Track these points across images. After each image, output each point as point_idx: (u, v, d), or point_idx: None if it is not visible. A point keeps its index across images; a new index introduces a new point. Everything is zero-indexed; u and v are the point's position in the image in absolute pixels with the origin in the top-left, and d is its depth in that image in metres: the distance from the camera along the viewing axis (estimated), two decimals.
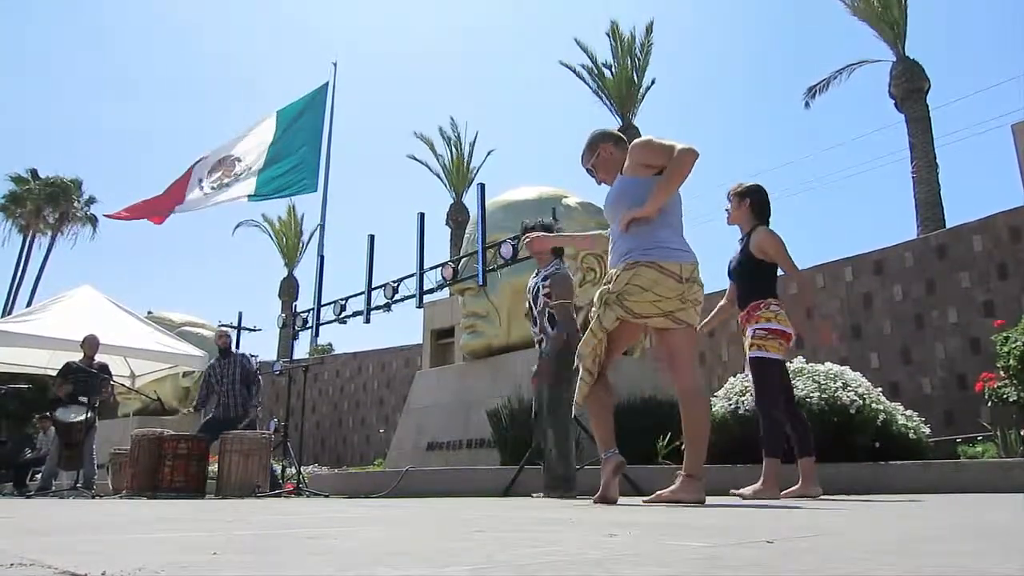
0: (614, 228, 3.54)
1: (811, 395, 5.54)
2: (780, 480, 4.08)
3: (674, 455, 6.04)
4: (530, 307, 5.06)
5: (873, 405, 5.65)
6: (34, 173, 34.77)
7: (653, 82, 23.43)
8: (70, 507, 3.70)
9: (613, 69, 23.32)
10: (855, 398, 5.57)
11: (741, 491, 4.13)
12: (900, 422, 5.81)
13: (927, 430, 6.03)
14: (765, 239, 4.28)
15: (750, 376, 4.25)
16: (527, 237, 4.70)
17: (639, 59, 23.33)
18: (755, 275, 4.32)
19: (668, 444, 5.98)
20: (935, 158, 17.04)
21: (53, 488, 8.24)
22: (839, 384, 5.68)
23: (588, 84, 23.56)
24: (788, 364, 4.68)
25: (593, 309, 3.51)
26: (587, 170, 3.80)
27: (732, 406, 5.91)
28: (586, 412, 3.70)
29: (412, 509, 3.19)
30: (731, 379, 6.32)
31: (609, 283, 3.43)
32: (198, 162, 12.48)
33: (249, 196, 11.88)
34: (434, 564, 0.93)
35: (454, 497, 5.78)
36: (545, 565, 0.93)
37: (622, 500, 3.55)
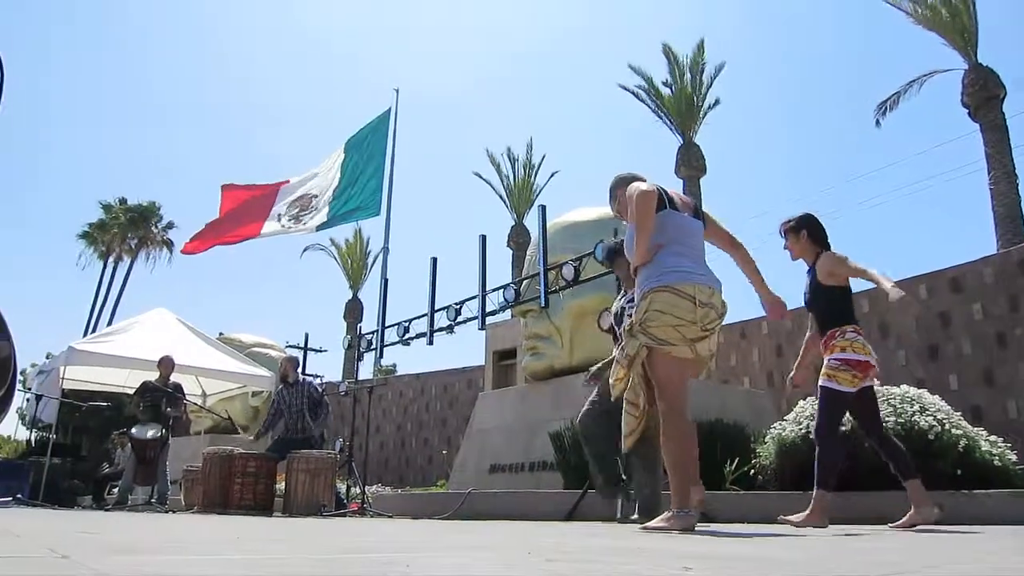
0: None
1: (887, 419, 5.33)
2: (828, 510, 4.02)
3: (742, 480, 5.90)
4: (612, 328, 5.02)
5: (953, 430, 5.40)
6: (122, 200, 36.39)
7: (717, 101, 23.21)
8: (150, 523, 3.81)
9: (672, 88, 23.19)
10: (933, 423, 5.33)
11: (790, 518, 4.07)
12: (984, 448, 5.53)
13: (1013, 456, 5.74)
14: (827, 263, 4.22)
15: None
16: None
17: (696, 78, 23.14)
18: (829, 302, 4.25)
19: (736, 469, 5.84)
20: (1014, 168, 16.35)
21: (129, 502, 8.52)
22: (916, 408, 5.45)
23: (647, 104, 23.47)
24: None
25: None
26: (616, 215, 3.88)
27: (803, 430, 5.73)
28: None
29: (480, 534, 3.18)
30: (801, 403, 6.14)
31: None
32: (280, 189, 12.84)
33: (318, 226, 12.20)
34: None
35: (517, 521, 5.75)
36: None
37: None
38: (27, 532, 2.31)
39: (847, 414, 4.36)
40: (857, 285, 4.49)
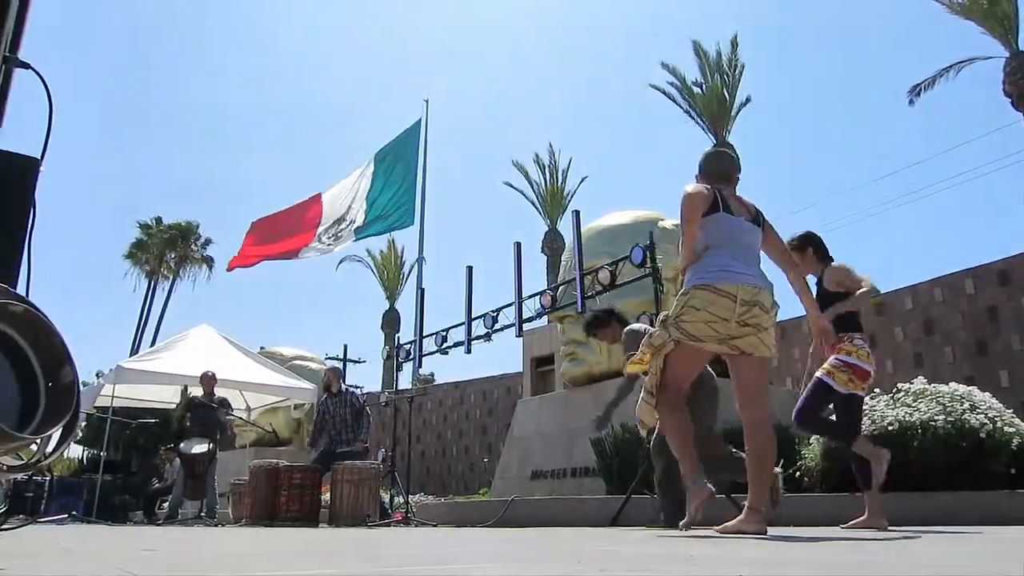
0: None
1: (935, 418, 5.24)
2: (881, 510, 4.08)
3: (788, 483, 5.83)
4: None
5: (1006, 428, 5.28)
6: (158, 220, 37.16)
7: (748, 100, 22.98)
8: (205, 538, 3.89)
9: (703, 87, 23.02)
10: (985, 421, 5.22)
11: (853, 523, 4.13)
12: None
13: None
14: (834, 274, 4.39)
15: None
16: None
17: (728, 76, 22.94)
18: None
19: (782, 471, 5.77)
20: None
21: (179, 516, 8.68)
22: (966, 406, 5.34)
23: (679, 104, 23.32)
24: (888, 389, 4.52)
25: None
26: None
27: None
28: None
29: (527, 542, 3.20)
30: None
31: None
32: (317, 205, 13.02)
33: (354, 239, 12.35)
34: None
35: (561, 527, 5.75)
36: None
37: (708, 532, 3.43)
38: (91, 551, 2.39)
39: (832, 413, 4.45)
40: (899, 281, 4.51)
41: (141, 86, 68.04)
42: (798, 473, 5.88)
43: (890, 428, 5.26)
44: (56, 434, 1.65)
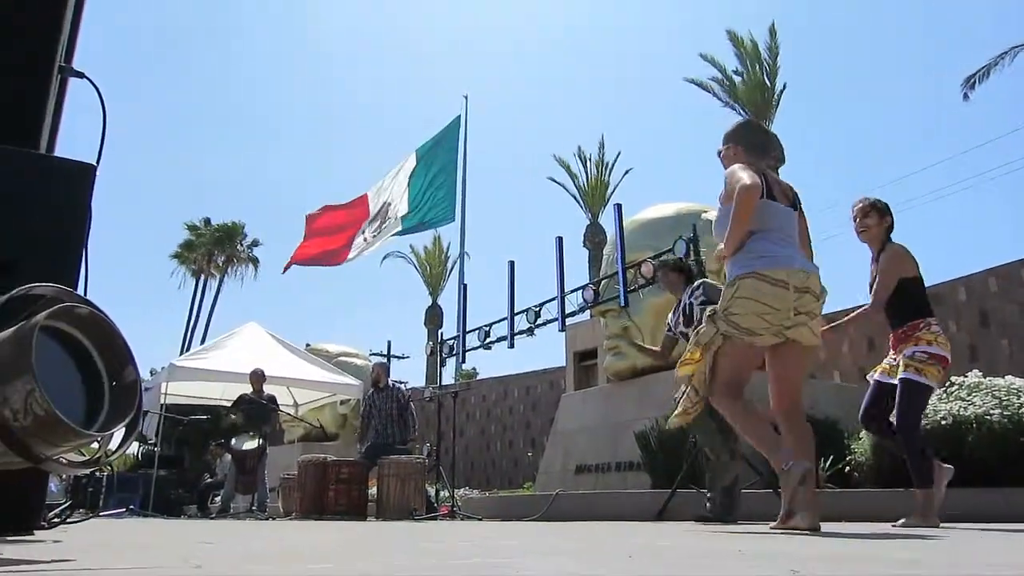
0: None
1: (991, 412, 5.11)
2: (936, 507, 3.86)
3: (837, 478, 5.75)
4: (684, 334, 4.95)
5: None
6: (207, 221, 38.03)
7: (785, 87, 22.61)
8: (258, 531, 3.99)
9: (744, 76, 22.70)
10: None
11: (903, 522, 3.91)
12: None
13: None
14: (890, 260, 4.06)
15: (897, 398, 3.95)
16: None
17: (768, 63, 22.58)
18: (906, 294, 4.04)
19: (831, 467, 5.69)
20: None
21: (231, 510, 8.89)
22: (1023, 399, 5.20)
23: (719, 97, 23.03)
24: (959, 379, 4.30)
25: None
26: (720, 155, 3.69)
27: None
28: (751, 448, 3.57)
29: (574, 536, 3.21)
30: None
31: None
32: (363, 206, 13.20)
33: (395, 232, 12.48)
34: None
35: (606, 521, 5.75)
36: None
37: (755, 527, 3.37)
38: (154, 543, 2.47)
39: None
40: (953, 272, 4.32)
41: (186, 89, 69.44)
42: (847, 468, 5.79)
43: (943, 423, 5.15)
44: (119, 432, 1.71)
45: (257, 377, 9.27)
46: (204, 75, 71.50)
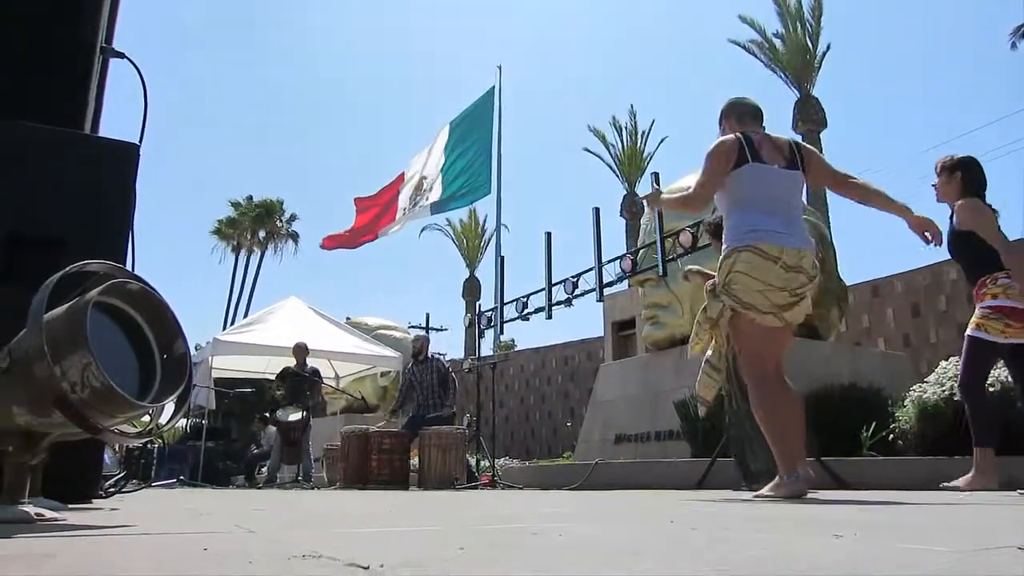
0: None
1: None
2: (996, 469, 3.75)
3: (881, 446, 5.69)
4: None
5: None
6: (249, 198, 38.63)
7: (828, 47, 22.02)
8: (305, 499, 4.10)
9: (785, 39, 22.14)
10: None
11: (955, 483, 3.82)
12: None
13: None
14: (962, 211, 3.92)
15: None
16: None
17: (811, 24, 21.98)
18: (971, 250, 3.93)
19: (873, 434, 5.64)
20: None
21: (278, 480, 9.11)
22: None
23: (759, 59, 22.52)
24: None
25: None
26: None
27: (946, 392, 5.45)
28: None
29: (615, 503, 3.23)
30: (943, 363, 5.83)
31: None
32: (403, 185, 13.29)
33: (432, 209, 12.51)
34: (671, 565, 0.97)
35: (646, 490, 5.77)
36: (785, 567, 0.94)
37: (822, 495, 3.38)
38: (208, 510, 2.55)
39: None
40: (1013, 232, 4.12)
41: (226, 67, 69.94)
42: (891, 436, 5.72)
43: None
44: (170, 404, 1.77)
45: (301, 350, 9.42)
46: (244, 53, 71.93)
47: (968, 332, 3.84)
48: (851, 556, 1.04)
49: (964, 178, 4.00)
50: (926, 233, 3.28)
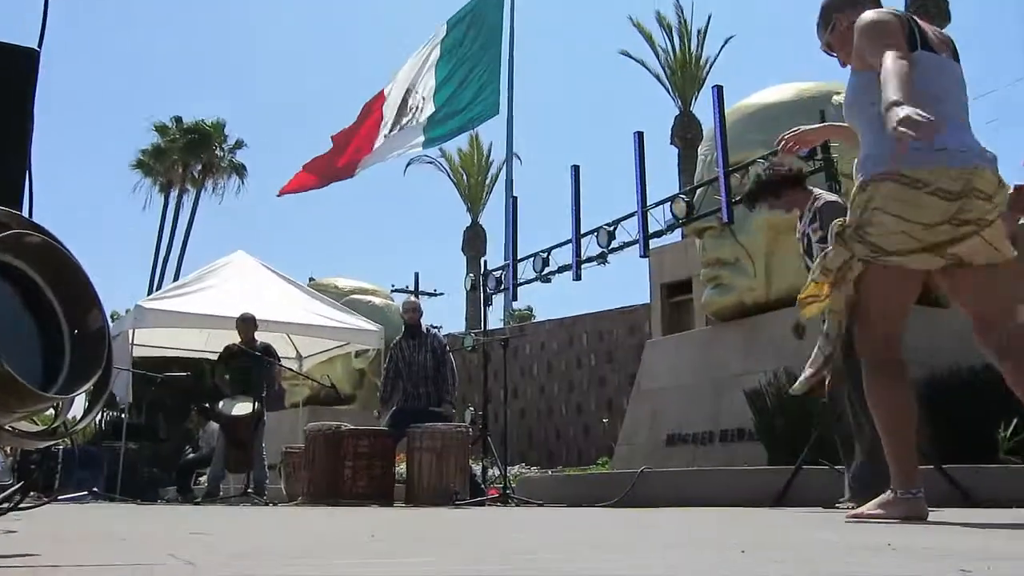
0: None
1: None
2: None
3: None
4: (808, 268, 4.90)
5: None
6: (177, 120, 38.40)
7: None
8: (258, 520, 4.14)
9: None
10: None
11: None
12: None
13: None
14: None
15: None
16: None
17: None
18: None
19: (1013, 434, 5.64)
20: None
21: (222, 493, 9.22)
22: None
23: None
24: None
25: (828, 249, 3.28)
26: (825, 52, 3.61)
27: None
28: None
29: (666, 526, 3.25)
30: None
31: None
32: (384, 105, 13.22)
33: (424, 142, 12.43)
34: None
35: (707, 507, 5.81)
36: None
37: (942, 515, 3.38)
38: (132, 535, 2.59)
39: None
40: None
41: None
42: None
43: None
44: (83, 395, 1.77)
45: (247, 323, 9.44)
46: None
47: None
48: None
49: None
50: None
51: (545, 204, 42.60)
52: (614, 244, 10.02)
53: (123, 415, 12.42)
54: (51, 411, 1.79)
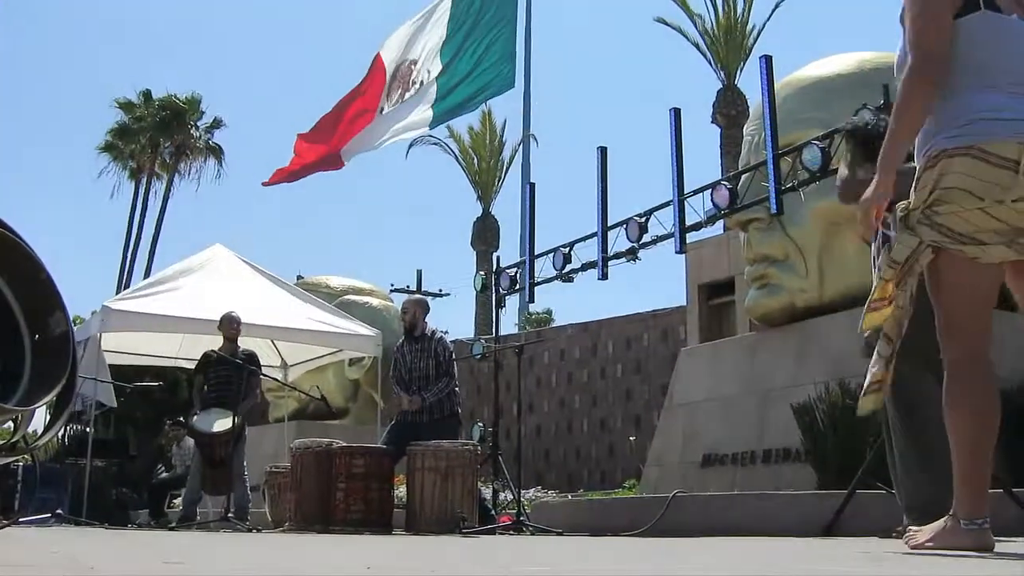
0: None
1: None
2: None
3: None
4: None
5: None
6: (147, 95, 38.31)
7: None
8: (239, 549, 4.17)
9: None
10: None
11: None
12: None
13: None
14: None
15: None
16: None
17: None
18: None
19: None
20: None
21: (199, 517, 9.27)
22: None
23: None
24: None
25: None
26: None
27: None
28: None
29: (703, 559, 3.25)
30: None
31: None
32: (381, 73, 13.20)
33: (431, 119, 12.42)
34: None
35: (750, 536, 5.82)
36: None
37: (1011, 547, 3.39)
38: (99, 563, 2.62)
39: None
40: None
41: None
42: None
43: None
44: (45, 407, 1.80)
45: (230, 325, 9.47)
46: None
47: None
48: None
49: None
50: None
51: (567, 192, 42.65)
52: (646, 238, 9.96)
53: (88, 429, 12.45)
54: (9, 424, 1.81)
